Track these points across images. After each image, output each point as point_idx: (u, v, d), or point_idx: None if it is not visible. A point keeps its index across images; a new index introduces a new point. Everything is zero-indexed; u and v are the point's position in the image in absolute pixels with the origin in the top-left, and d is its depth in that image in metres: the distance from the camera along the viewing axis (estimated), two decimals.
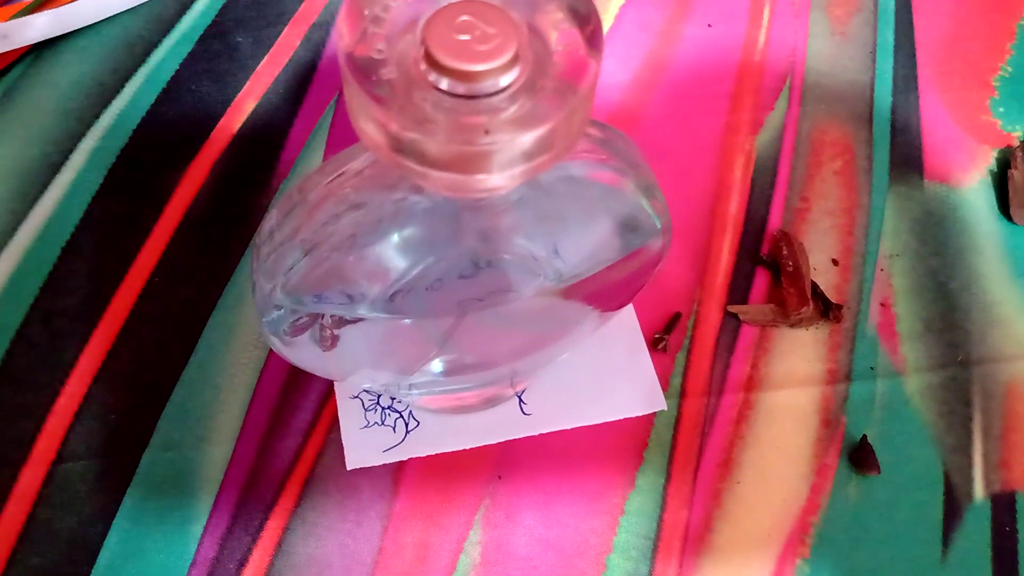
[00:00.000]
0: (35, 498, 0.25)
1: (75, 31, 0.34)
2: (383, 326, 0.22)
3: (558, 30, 0.16)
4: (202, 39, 0.34)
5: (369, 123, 0.16)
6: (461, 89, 0.15)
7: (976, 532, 0.26)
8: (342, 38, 0.16)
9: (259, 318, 0.21)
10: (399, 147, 0.16)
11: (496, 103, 0.16)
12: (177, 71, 0.33)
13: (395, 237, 0.21)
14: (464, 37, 0.15)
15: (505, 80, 0.16)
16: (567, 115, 0.16)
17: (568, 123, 0.16)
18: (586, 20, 0.17)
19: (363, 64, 0.16)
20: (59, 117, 0.32)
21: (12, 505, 0.25)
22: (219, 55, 0.33)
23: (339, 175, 0.21)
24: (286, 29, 0.34)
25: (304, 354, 0.23)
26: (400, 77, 0.16)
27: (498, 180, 0.16)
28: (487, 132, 0.15)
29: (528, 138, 0.16)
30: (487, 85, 0.16)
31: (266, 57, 0.33)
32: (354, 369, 0.24)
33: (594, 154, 0.21)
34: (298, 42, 0.34)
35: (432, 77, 0.16)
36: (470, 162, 0.16)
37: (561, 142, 0.16)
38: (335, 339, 0.22)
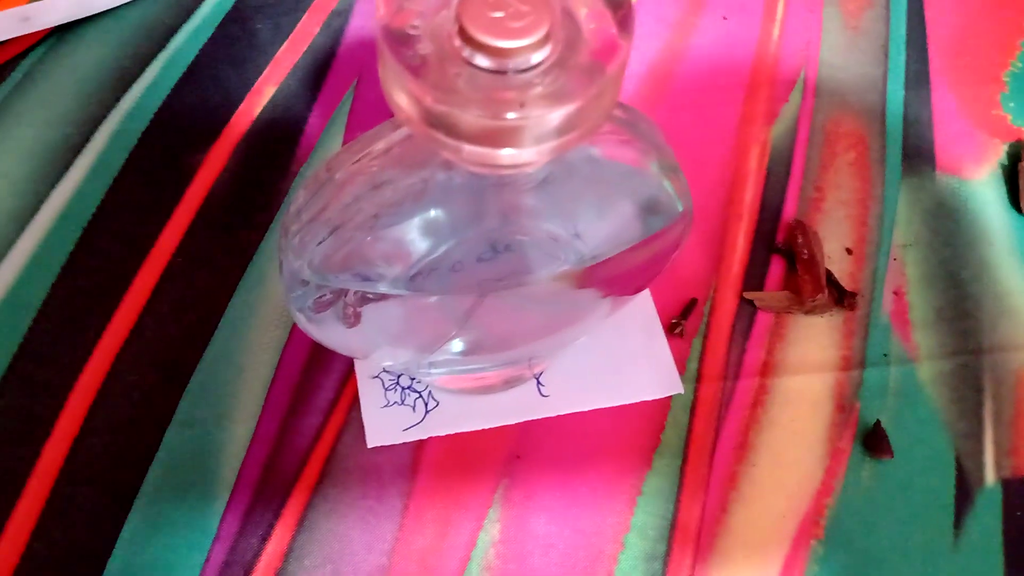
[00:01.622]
0: (57, 474, 0.25)
1: (96, 15, 0.34)
2: (405, 305, 0.23)
3: (590, 10, 0.17)
4: (222, 24, 0.34)
5: (403, 96, 0.16)
6: (494, 65, 0.16)
7: (987, 516, 0.26)
8: (379, 11, 0.16)
9: (286, 294, 0.22)
10: (432, 120, 0.16)
11: (528, 79, 0.16)
12: (197, 56, 0.33)
13: (417, 219, 0.21)
14: (498, 14, 0.16)
15: (537, 57, 0.16)
16: (596, 94, 0.16)
17: (597, 102, 0.17)
18: (619, 3, 0.17)
19: (399, 38, 0.16)
20: (80, 99, 0.32)
21: (35, 481, 0.25)
22: (239, 40, 0.34)
23: (366, 154, 0.21)
24: (305, 16, 0.35)
25: (328, 331, 0.23)
26: (434, 52, 0.16)
27: (527, 155, 0.17)
28: (521, 106, 0.16)
29: (558, 114, 0.16)
30: (519, 61, 0.16)
31: (285, 43, 0.34)
32: (375, 347, 0.24)
33: (618, 135, 0.22)
34: (317, 29, 0.34)
35: (466, 52, 0.16)
36: (501, 136, 0.16)
37: (590, 120, 0.17)
38: (358, 316, 0.23)
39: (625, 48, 0.16)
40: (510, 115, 0.16)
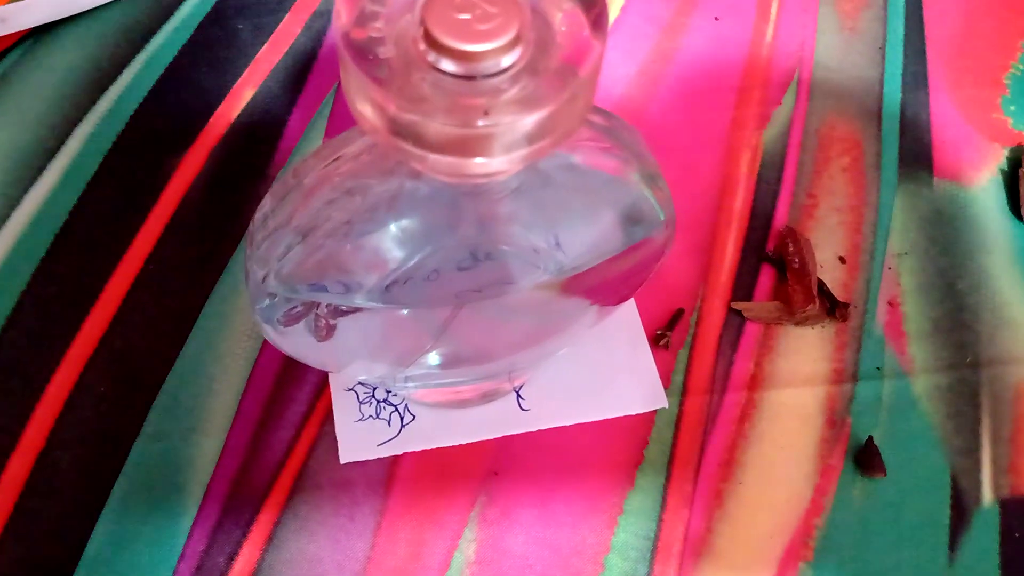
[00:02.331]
0: (22, 487, 0.25)
1: (74, 16, 0.33)
2: (379, 317, 0.22)
3: (562, 11, 0.16)
4: (201, 26, 0.33)
5: (367, 105, 0.16)
6: (461, 70, 0.15)
7: (984, 537, 0.25)
8: (339, 17, 0.15)
9: (252, 305, 0.21)
10: (397, 129, 0.15)
11: (496, 84, 0.15)
12: (176, 58, 0.32)
13: (392, 226, 0.20)
14: (464, 16, 0.15)
15: (506, 61, 0.15)
16: (569, 98, 0.15)
17: (570, 107, 0.16)
18: (591, 2, 0.16)
19: (361, 44, 0.15)
20: (56, 102, 0.31)
21: None
22: (218, 42, 0.33)
23: (335, 159, 0.20)
24: (287, 17, 0.34)
25: (298, 344, 0.22)
26: (399, 57, 0.15)
27: (498, 164, 0.16)
28: (487, 113, 0.15)
29: (529, 121, 0.15)
30: (488, 66, 0.15)
31: (266, 45, 0.33)
32: (349, 360, 0.23)
33: (597, 142, 0.21)
34: (298, 30, 0.33)
35: (431, 57, 0.15)
36: (469, 145, 0.15)
37: (563, 126, 0.16)
38: (331, 329, 0.22)
39: (598, 50, 0.16)
40: (479, 123, 0.15)
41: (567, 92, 0.15)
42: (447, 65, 0.15)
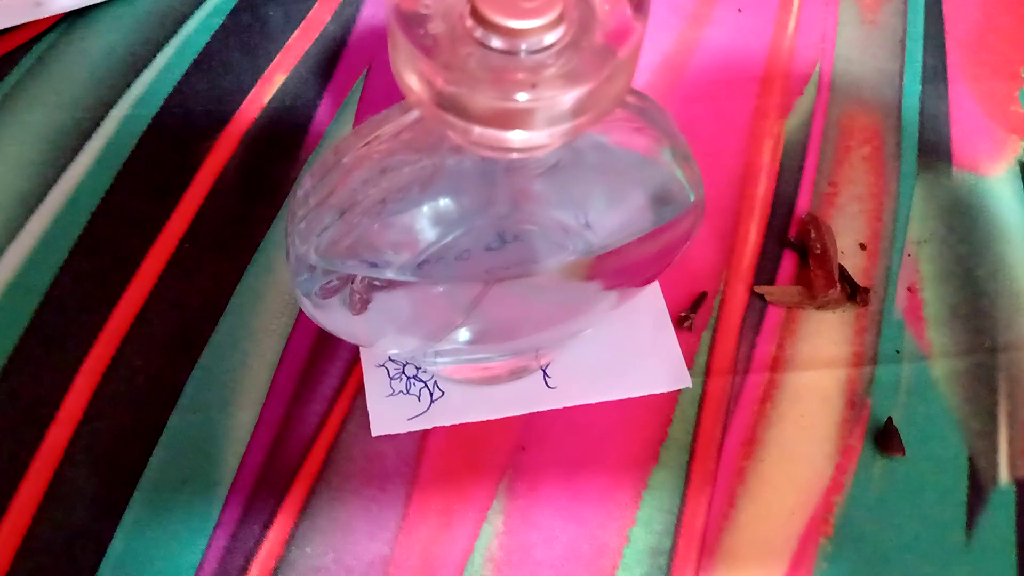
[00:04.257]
0: (61, 456, 0.25)
1: (108, 0, 0.34)
2: (411, 293, 0.23)
3: None
4: (234, 12, 0.34)
5: (414, 77, 0.16)
6: (506, 45, 0.16)
7: (1001, 516, 0.25)
8: None
9: (292, 279, 0.21)
10: (443, 102, 0.16)
11: (540, 60, 0.16)
12: (208, 43, 0.33)
13: (425, 206, 0.21)
14: None
15: (550, 38, 0.16)
16: (609, 77, 0.16)
17: (610, 85, 0.16)
18: None
19: (410, 17, 0.16)
20: (91, 84, 0.32)
21: (39, 463, 0.25)
22: (250, 28, 0.34)
23: (374, 138, 0.21)
24: (317, 4, 0.35)
25: (333, 318, 0.23)
26: (446, 32, 0.16)
27: (539, 138, 0.16)
28: (533, 87, 0.15)
29: (570, 96, 0.16)
30: (532, 42, 0.16)
31: (296, 31, 0.34)
32: (381, 335, 0.24)
33: (630, 122, 0.21)
34: (328, 17, 0.34)
35: (478, 33, 0.16)
36: (512, 118, 0.16)
37: (602, 104, 0.16)
38: (364, 303, 0.22)
39: (639, 31, 0.16)
40: (522, 96, 0.15)
41: (607, 70, 0.16)
42: (493, 40, 0.16)
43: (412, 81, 0.16)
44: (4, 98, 0.32)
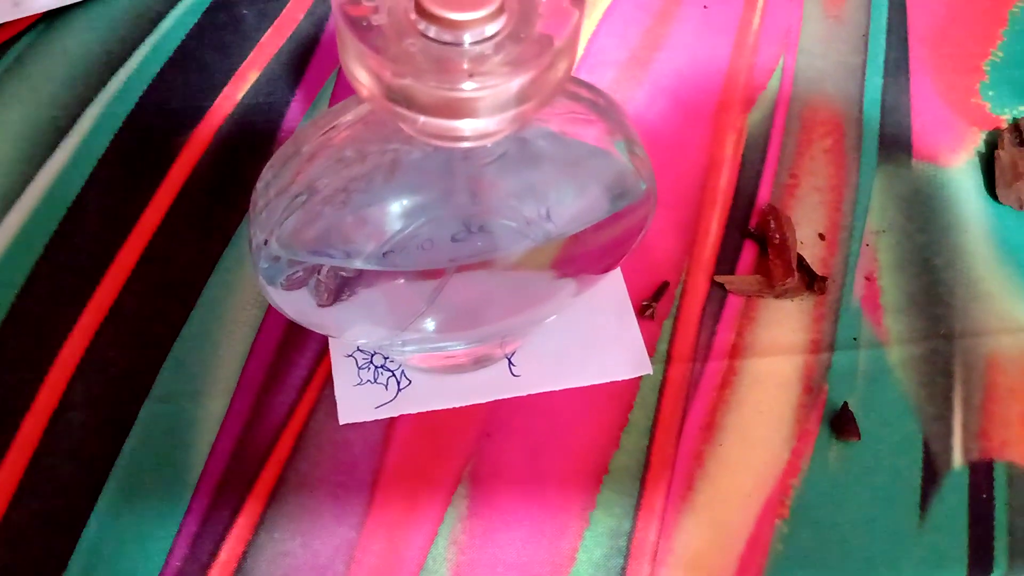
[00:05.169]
0: (36, 445, 0.26)
1: (85, 0, 0.35)
2: (377, 283, 0.23)
3: None
4: (208, 11, 0.35)
5: (363, 71, 0.17)
6: (449, 36, 0.16)
7: (954, 498, 0.26)
8: None
9: (254, 268, 0.22)
10: (391, 94, 0.17)
11: (482, 51, 0.16)
12: (183, 41, 0.34)
13: (389, 196, 0.22)
14: None
15: (491, 29, 0.16)
16: (549, 64, 0.17)
17: (551, 72, 0.17)
18: None
19: (356, 15, 0.17)
20: (68, 83, 0.33)
21: (14, 452, 0.26)
22: (224, 26, 0.34)
23: (332, 127, 0.22)
24: (291, 2, 0.35)
25: (300, 308, 0.23)
26: (391, 26, 0.17)
27: (485, 126, 0.17)
28: (471, 76, 0.16)
29: (512, 85, 0.16)
30: (473, 33, 0.16)
31: (270, 29, 0.34)
32: (349, 325, 0.24)
33: (582, 114, 0.22)
34: (302, 15, 0.35)
35: (421, 26, 0.16)
36: (457, 107, 0.16)
37: (544, 91, 0.17)
38: (332, 295, 0.23)
39: (576, 18, 0.17)
40: (467, 85, 0.16)
41: (547, 58, 0.16)
42: (436, 32, 0.16)
43: (361, 75, 0.17)
44: None
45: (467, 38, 0.16)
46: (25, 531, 0.25)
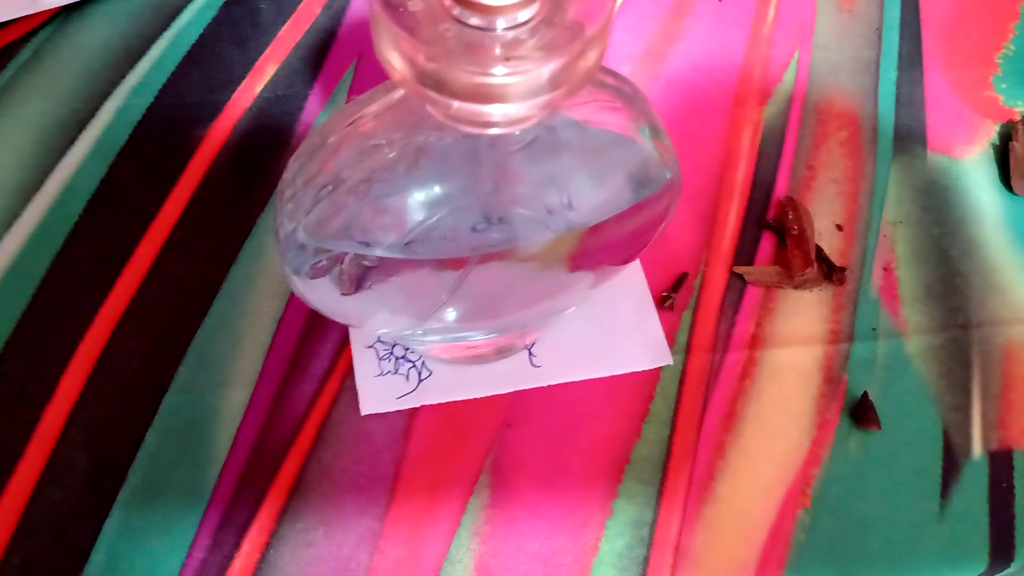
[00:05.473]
0: (58, 437, 0.26)
1: None
2: (399, 272, 0.23)
3: None
4: (226, 5, 0.35)
5: (396, 55, 0.17)
6: (482, 22, 0.16)
7: (973, 487, 0.26)
8: None
9: (281, 258, 0.22)
10: (424, 79, 0.17)
11: (515, 36, 0.16)
12: (201, 35, 0.34)
13: (412, 186, 0.22)
14: None
15: (524, 15, 0.16)
16: (582, 50, 0.17)
17: (583, 59, 0.17)
18: None
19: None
20: (86, 77, 0.33)
21: (36, 443, 0.26)
22: (242, 20, 0.34)
23: (359, 118, 0.22)
24: None
25: (324, 297, 0.23)
26: (425, 11, 0.17)
27: (517, 111, 0.17)
28: (507, 60, 0.16)
29: (544, 71, 0.16)
30: (507, 19, 0.16)
31: (287, 23, 0.34)
32: (371, 314, 0.24)
33: (606, 100, 0.22)
34: (319, 9, 0.35)
35: (456, 11, 0.16)
36: (489, 92, 0.17)
37: (575, 77, 0.17)
38: (355, 283, 0.23)
39: (609, 7, 0.17)
40: (499, 70, 0.16)
41: (579, 44, 0.17)
42: (470, 18, 0.16)
43: (394, 59, 0.17)
44: (1, 91, 0.32)
45: (500, 23, 0.16)
46: (46, 523, 0.25)
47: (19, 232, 0.29)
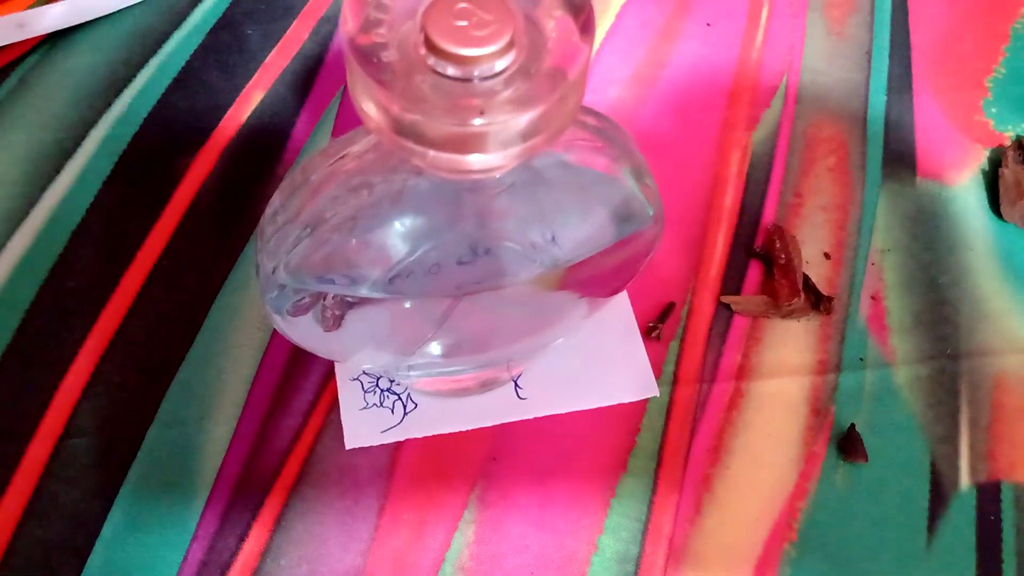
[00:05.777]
0: (42, 471, 0.26)
1: (90, 21, 0.35)
2: (383, 308, 0.23)
3: (553, 18, 0.17)
4: (213, 31, 0.35)
5: (372, 105, 0.17)
6: (458, 72, 0.16)
7: (961, 520, 0.26)
8: (346, 23, 0.17)
9: (262, 296, 0.22)
10: (400, 128, 0.17)
11: (492, 86, 0.16)
12: (188, 62, 0.34)
13: (395, 222, 0.22)
14: (462, 23, 0.16)
15: (500, 64, 0.16)
16: (560, 99, 0.17)
17: (561, 106, 0.17)
18: (580, 9, 0.17)
19: (366, 49, 0.17)
20: (72, 105, 0.33)
21: (19, 478, 0.26)
22: (229, 47, 0.34)
23: (341, 157, 0.22)
24: (295, 23, 0.35)
25: (306, 334, 0.23)
26: (401, 61, 0.16)
27: (494, 160, 0.17)
28: (482, 113, 0.16)
29: (522, 120, 0.16)
30: (483, 69, 0.16)
31: (275, 49, 0.34)
32: (355, 350, 0.24)
33: (590, 142, 0.22)
34: (306, 35, 0.35)
35: (431, 61, 0.16)
36: (467, 142, 0.16)
37: (554, 124, 0.17)
38: (337, 320, 0.23)
39: (586, 53, 0.17)
40: (476, 121, 0.16)
41: (557, 93, 0.16)
42: (446, 68, 0.16)
43: (370, 109, 0.17)
44: None
45: (477, 73, 0.16)
46: (30, 559, 0.24)
47: (4, 263, 0.29)
